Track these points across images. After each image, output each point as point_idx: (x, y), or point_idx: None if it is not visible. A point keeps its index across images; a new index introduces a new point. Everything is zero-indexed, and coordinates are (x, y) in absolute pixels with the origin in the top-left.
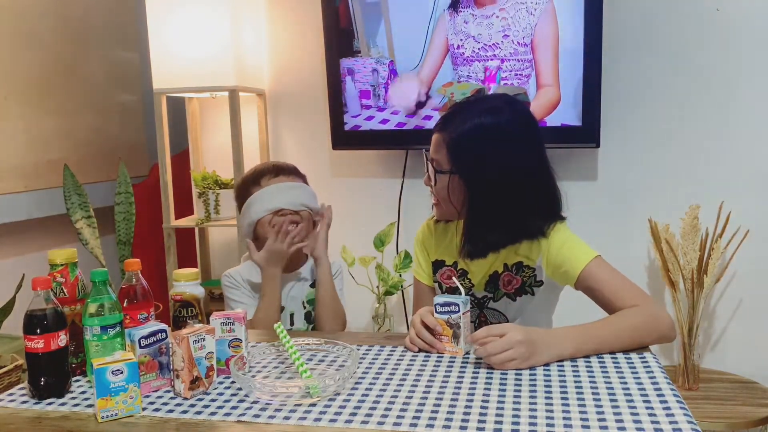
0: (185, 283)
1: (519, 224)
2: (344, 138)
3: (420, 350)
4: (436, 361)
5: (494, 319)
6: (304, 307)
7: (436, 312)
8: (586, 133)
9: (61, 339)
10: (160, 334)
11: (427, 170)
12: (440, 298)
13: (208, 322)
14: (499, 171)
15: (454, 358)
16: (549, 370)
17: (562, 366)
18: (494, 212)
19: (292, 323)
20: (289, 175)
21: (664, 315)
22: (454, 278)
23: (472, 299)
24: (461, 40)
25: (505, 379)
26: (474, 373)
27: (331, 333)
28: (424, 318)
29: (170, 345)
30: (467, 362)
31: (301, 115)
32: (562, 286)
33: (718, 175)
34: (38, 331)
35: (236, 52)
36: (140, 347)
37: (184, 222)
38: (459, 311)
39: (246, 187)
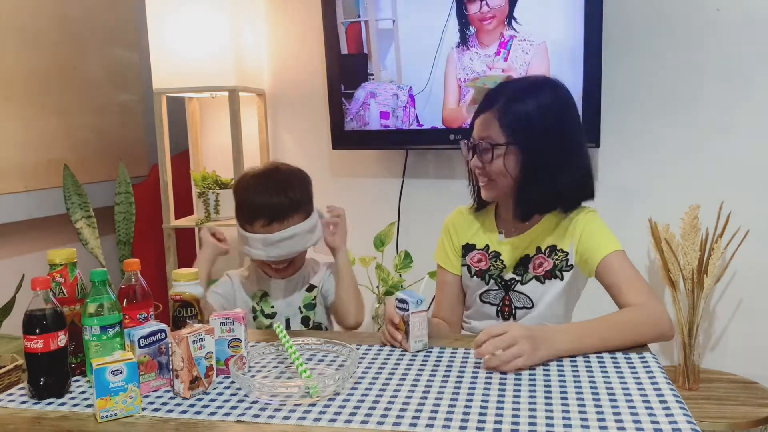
0: (185, 283)
1: (567, 187)
2: (344, 138)
3: (388, 343)
4: (436, 361)
5: (519, 303)
6: (301, 312)
7: (396, 306)
8: (586, 133)
9: (61, 339)
10: (159, 334)
11: (473, 155)
12: (400, 294)
13: (207, 322)
14: (553, 136)
15: (454, 356)
16: (548, 370)
17: (562, 366)
18: (547, 176)
19: (288, 328)
20: (283, 220)
21: (663, 314)
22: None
23: (500, 281)
24: (467, 75)
25: (505, 378)
26: (474, 372)
27: (349, 325)
28: (387, 308)
29: (170, 345)
30: (467, 362)
31: (301, 115)
32: (585, 277)
33: (718, 175)
34: (37, 331)
35: (236, 52)
36: (140, 347)
37: (184, 222)
38: (408, 310)
39: (238, 214)
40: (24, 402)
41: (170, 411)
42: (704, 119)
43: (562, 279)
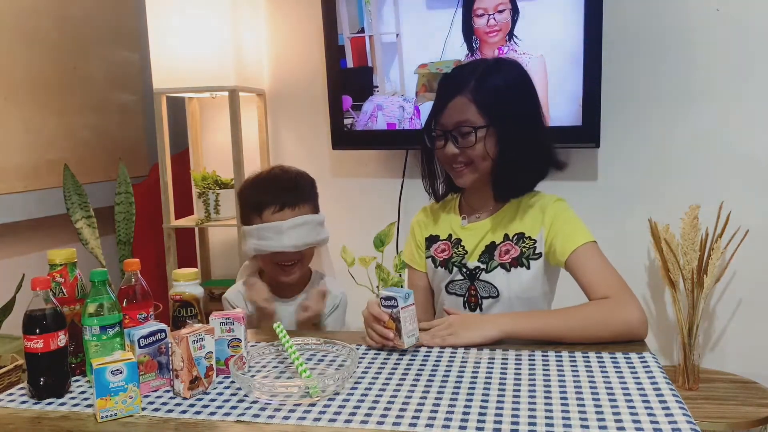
0: (184, 283)
1: (542, 164)
2: (344, 138)
3: (376, 344)
4: (436, 361)
5: (484, 293)
6: None
7: (382, 305)
8: (586, 133)
9: (61, 339)
10: (159, 334)
11: (446, 142)
12: (385, 292)
13: (207, 322)
14: (527, 115)
15: (454, 356)
16: (548, 369)
17: (561, 366)
18: (529, 152)
19: None
20: (294, 207)
21: (634, 310)
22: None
23: (464, 270)
24: None
25: (505, 379)
26: (473, 372)
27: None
28: (371, 309)
29: (170, 345)
30: (466, 362)
31: (301, 115)
32: (554, 266)
33: (718, 175)
34: (37, 331)
35: (236, 52)
36: (140, 347)
37: (184, 222)
38: (398, 306)
39: (246, 207)
40: (24, 402)
41: (170, 411)
42: (704, 119)
43: (528, 268)
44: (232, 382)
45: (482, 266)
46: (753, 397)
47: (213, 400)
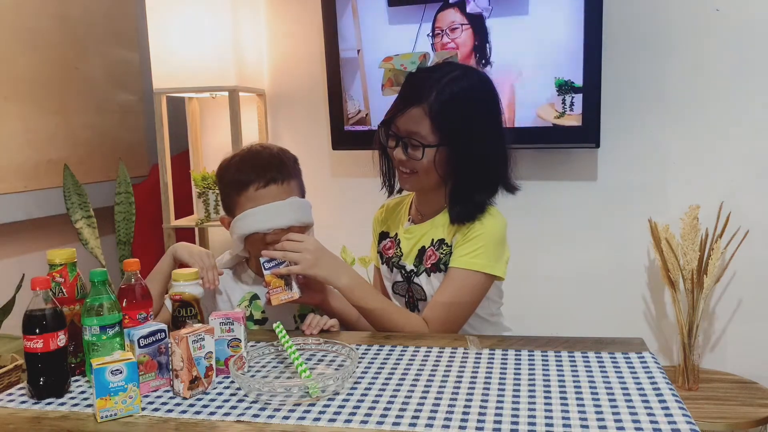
0: (184, 283)
1: (499, 183)
2: (344, 138)
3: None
4: (436, 361)
5: (418, 295)
6: (295, 321)
7: (265, 270)
8: (586, 133)
9: (60, 339)
10: (159, 334)
11: (397, 145)
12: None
13: (207, 322)
14: (484, 136)
15: (454, 356)
16: (548, 369)
17: (561, 366)
18: (481, 175)
19: None
20: (280, 182)
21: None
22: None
23: (403, 273)
24: None
25: (504, 378)
26: (473, 372)
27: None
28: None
29: (169, 345)
30: (466, 362)
31: (301, 115)
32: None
33: (718, 175)
34: (37, 331)
35: (236, 52)
36: (139, 347)
37: (184, 222)
38: (285, 261)
39: (227, 187)
40: (24, 402)
41: (170, 411)
42: (704, 119)
43: (446, 272)
44: (232, 382)
45: (415, 270)
46: (753, 397)
47: (213, 400)
